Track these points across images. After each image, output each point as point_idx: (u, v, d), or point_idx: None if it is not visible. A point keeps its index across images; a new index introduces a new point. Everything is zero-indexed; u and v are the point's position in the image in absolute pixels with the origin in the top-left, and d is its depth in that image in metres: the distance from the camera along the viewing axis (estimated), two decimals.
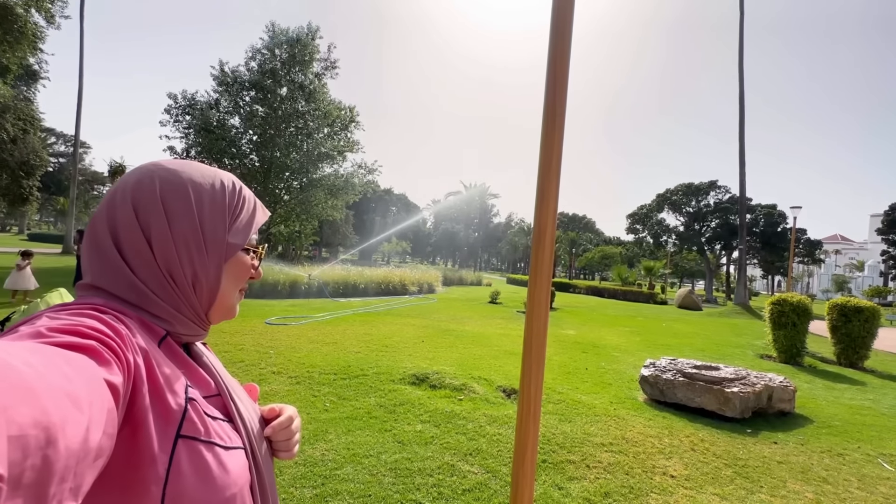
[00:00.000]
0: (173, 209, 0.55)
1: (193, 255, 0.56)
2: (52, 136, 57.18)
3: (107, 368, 0.37)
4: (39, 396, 0.27)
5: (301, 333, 7.26)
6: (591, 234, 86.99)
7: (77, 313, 0.44)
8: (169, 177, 0.56)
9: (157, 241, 0.54)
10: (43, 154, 26.73)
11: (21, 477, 0.24)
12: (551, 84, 1.36)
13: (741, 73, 23.56)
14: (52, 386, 0.28)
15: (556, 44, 1.36)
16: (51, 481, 0.26)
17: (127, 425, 0.43)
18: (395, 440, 3.40)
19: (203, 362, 0.61)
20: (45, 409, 0.26)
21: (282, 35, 20.03)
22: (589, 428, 3.91)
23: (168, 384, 0.48)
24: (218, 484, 0.49)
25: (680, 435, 3.95)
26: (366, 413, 3.92)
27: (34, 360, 0.29)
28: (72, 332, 0.39)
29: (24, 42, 13.53)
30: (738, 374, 4.88)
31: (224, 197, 0.59)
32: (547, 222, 1.39)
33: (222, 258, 0.59)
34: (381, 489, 2.70)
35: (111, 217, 0.54)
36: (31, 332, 0.38)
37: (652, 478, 3.11)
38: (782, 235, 38.22)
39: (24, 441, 0.24)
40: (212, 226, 0.57)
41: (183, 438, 0.47)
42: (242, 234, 0.61)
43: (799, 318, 8.36)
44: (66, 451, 0.27)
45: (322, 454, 3.06)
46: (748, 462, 3.50)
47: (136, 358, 0.44)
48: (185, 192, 0.56)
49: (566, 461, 3.24)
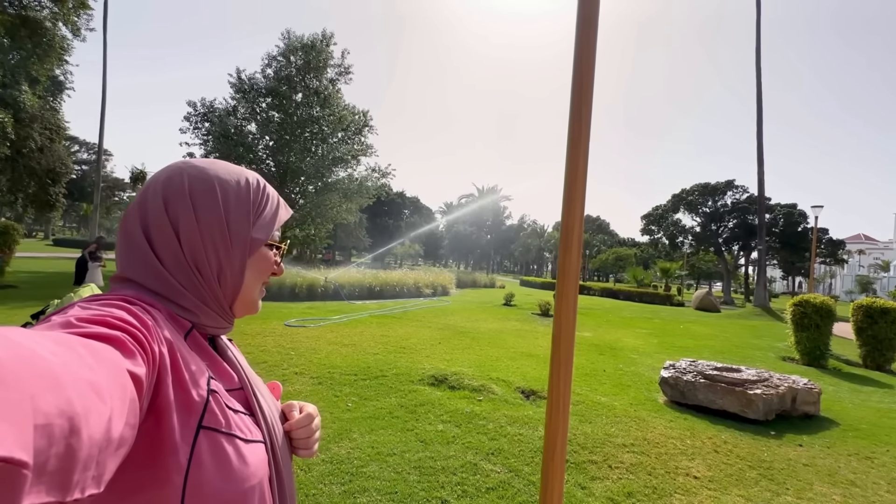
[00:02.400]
0: (200, 203, 0.57)
1: (219, 248, 0.58)
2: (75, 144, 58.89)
3: (131, 359, 0.38)
4: (65, 386, 0.27)
5: (320, 335, 7.38)
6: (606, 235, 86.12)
7: (107, 304, 0.46)
8: (197, 173, 0.58)
9: (184, 234, 0.56)
10: (68, 162, 27.56)
11: (45, 464, 0.24)
12: (577, 87, 1.40)
13: (758, 69, 23.16)
14: (76, 376, 0.29)
15: (582, 47, 1.39)
16: (74, 469, 0.27)
17: (151, 415, 0.44)
18: (417, 439, 3.46)
19: (227, 356, 0.62)
20: (70, 399, 0.27)
21: (297, 42, 20.39)
22: (610, 429, 3.92)
23: (191, 376, 0.49)
24: (237, 475, 0.50)
25: (702, 436, 3.93)
26: (387, 413, 3.98)
27: (60, 350, 0.30)
28: (100, 322, 0.40)
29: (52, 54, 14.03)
30: (760, 376, 4.82)
31: (249, 193, 0.61)
32: (574, 224, 1.43)
33: (246, 252, 0.60)
34: (406, 486, 2.75)
35: (143, 211, 0.57)
36: (62, 322, 0.39)
37: (675, 478, 3.11)
38: (803, 235, 37.32)
39: (49, 430, 0.25)
40: (237, 221, 0.59)
41: (204, 429, 0.48)
42: (266, 230, 0.63)
43: (822, 320, 8.19)
44: (89, 441, 0.28)
45: (347, 452, 3.14)
46: (773, 464, 3.47)
47: (162, 349, 0.46)
48: (212, 188, 0.58)
49: (588, 461, 3.26)
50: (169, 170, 0.59)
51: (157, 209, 0.56)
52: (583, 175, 1.44)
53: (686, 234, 42.21)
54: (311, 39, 20.64)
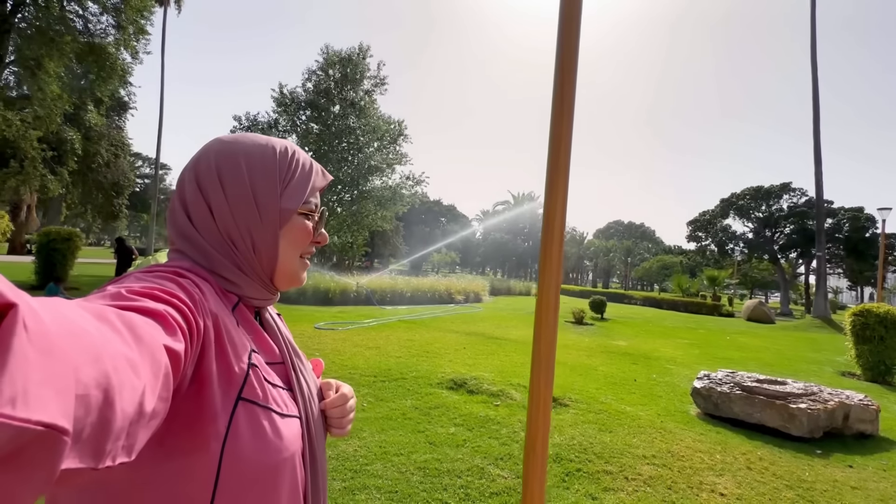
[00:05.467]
0: (227, 179, 0.58)
1: (249, 221, 0.58)
2: (139, 159, 63.90)
3: (171, 334, 0.39)
4: (104, 360, 0.28)
5: (347, 338, 7.51)
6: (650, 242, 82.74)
7: (161, 276, 0.48)
8: (223, 148, 0.60)
9: (216, 209, 0.58)
10: (131, 175, 29.92)
11: (82, 432, 0.26)
12: (560, 73, 1.36)
13: (814, 65, 21.64)
14: (115, 351, 0.30)
15: (565, 33, 1.35)
16: (108, 438, 0.28)
17: (194, 383, 0.46)
18: (427, 441, 3.42)
19: (272, 330, 0.63)
20: (107, 373, 0.28)
21: (335, 56, 21.17)
22: (631, 439, 3.71)
23: (234, 349, 0.51)
24: (272, 447, 0.51)
25: (735, 452, 3.63)
26: (401, 414, 3.97)
27: (102, 326, 0.31)
28: (148, 295, 0.42)
29: (115, 77, 15.34)
30: (807, 390, 4.42)
31: (275, 162, 0.61)
32: (555, 223, 1.38)
33: (277, 223, 0.60)
34: (408, 486, 2.72)
35: (181, 191, 0.60)
36: (113, 294, 0.41)
37: (698, 494, 2.89)
38: (871, 241, 34.18)
39: (87, 400, 0.26)
40: (263, 192, 0.59)
41: (243, 401, 0.50)
42: (296, 199, 0.62)
43: (887, 332, 7.42)
44: (122, 413, 0.29)
45: (354, 450, 3.15)
46: (814, 485, 3.15)
47: (207, 322, 0.48)
48: (237, 161, 0.59)
49: (603, 471, 3.09)
50: (201, 150, 0.61)
51: (192, 188, 0.59)
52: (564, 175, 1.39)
53: (737, 240, 39.81)
54: (349, 53, 21.38)
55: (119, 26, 14.82)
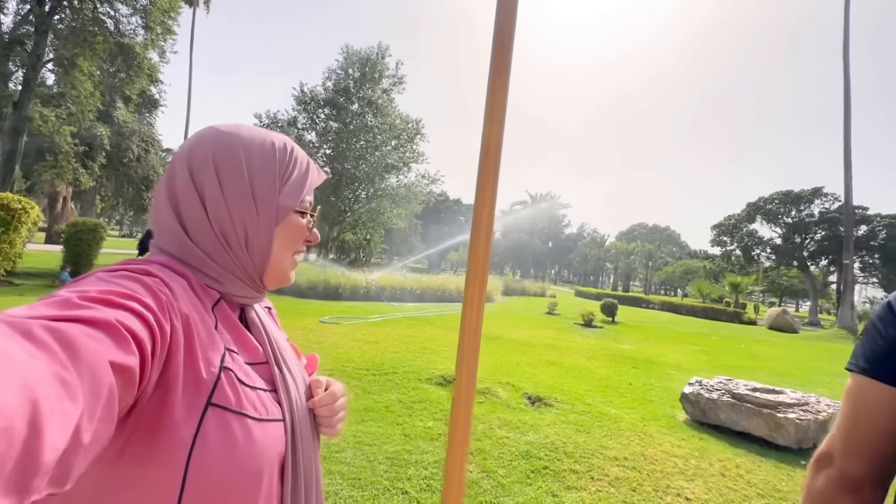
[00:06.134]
0: (224, 171, 0.55)
1: (245, 217, 0.56)
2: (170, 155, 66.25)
3: (121, 348, 0.36)
4: (30, 386, 0.26)
5: (348, 332, 7.68)
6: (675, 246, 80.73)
7: (125, 276, 0.46)
8: (220, 139, 0.57)
9: (210, 203, 0.55)
10: (160, 170, 31.12)
11: (4, 467, 0.24)
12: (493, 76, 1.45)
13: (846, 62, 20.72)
14: (45, 374, 0.28)
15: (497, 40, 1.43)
16: (35, 473, 0.26)
17: (158, 389, 0.44)
18: (402, 433, 3.51)
19: (256, 329, 0.61)
20: (34, 400, 0.26)
21: (354, 56, 21.56)
22: (607, 441, 3.71)
23: (204, 352, 0.48)
24: (243, 455, 0.48)
25: (712, 458, 3.59)
26: (384, 407, 4.07)
27: (32, 346, 0.29)
28: (103, 301, 0.39)
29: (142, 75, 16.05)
30: (802, 400, 4.31)
31: (274, 158, 0.59)
32: (483, 216, 1.45)
33: (273, 220, 0.58)
34: (373, 475, 2.82)
35: (170, 183, 0.56)
36: (62, 301, 0.37)
37: (662, 498, 2.88)
38: None
39: (9, 433, 0.24)
40: (262, 187, 0.57)
41: (213, 406, 0.47)
42: (294, 196, 0.60)
43: None
44: (50, 444, 0.27)
45: (328, 438, 3.26)
46: (788, 495, 3.10)
47: (175, 324, 0.45)
48: (236, 154, 0.56)
49: (569, 470, 3.12)
50: (194, 138, 0.58)
51: (184, 180, 0.55)
52: (494, 166, 1.46)
53: (764, 246, 38.48)
54: (368, 52, 21.71)
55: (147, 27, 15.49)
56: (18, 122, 14.14)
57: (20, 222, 8.59)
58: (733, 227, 40.13)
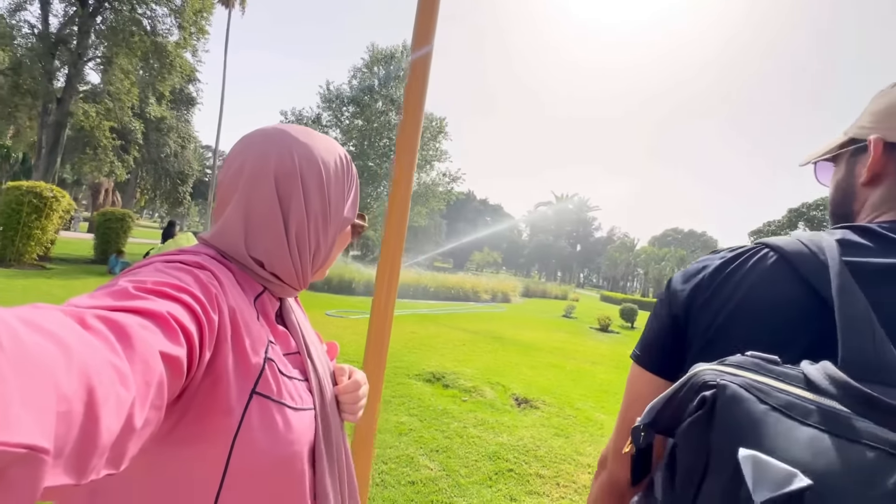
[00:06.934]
0: (309, 185, 0.57)
1: (319, 229, 0.59)
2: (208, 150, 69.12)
3: (171, 339, 0.38)
4: (87, 373, 0.28)
5: (351, 326, 7.72)
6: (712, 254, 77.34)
7: (180, 268, 0.48)
8: (305, 152, 0.58)
9: (294, 216, 0.57)
10: (194, 165, 32.46)
11: (64, 450, 0.25)
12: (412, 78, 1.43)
13: None
14: (100, 362, 0.29)
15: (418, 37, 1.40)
16: (92, 454, 0.28)
17: (209, 377, 0.46)
18: None
19: (290, 319, 0.64)
20: (90, 386, 0.27)
21: (379, 54, 21.77)
22: (584, 447, 3.55)
23: (251, 343, 0.51)
24: (282, 440, 0.51)
25: None
26: None
27: (89, 335, 0.31)
28: (158, 292, 0.41)
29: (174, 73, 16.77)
30: None
31: (343, 173, 0.62)
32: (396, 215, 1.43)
33: (337, 231, 0.62)
34: None
35: (250, 185, 0.56)
36: (119, 291, 0.40)
37: None
38: None
39: (69, 416, 0.26)
40: (336, 202, 0.61)
41: (257, 395, 0.50)
42: (355, 208, 0.65)
43: None
44: (106, 427, 0.28)
45: None
46: None
47: (223, 316, 0.48)
48: (319, 169, 0.58)
49: (535, 474, 2.99)
50: (277, 146, 0.57)
51: (269, 189, 0.56)
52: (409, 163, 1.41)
53: None
54: (392, 50, 21.87)
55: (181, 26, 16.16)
56: (61, 117, 15.06)
57: (52, 210, 9.09)
58: (773, 233, 38.18)
